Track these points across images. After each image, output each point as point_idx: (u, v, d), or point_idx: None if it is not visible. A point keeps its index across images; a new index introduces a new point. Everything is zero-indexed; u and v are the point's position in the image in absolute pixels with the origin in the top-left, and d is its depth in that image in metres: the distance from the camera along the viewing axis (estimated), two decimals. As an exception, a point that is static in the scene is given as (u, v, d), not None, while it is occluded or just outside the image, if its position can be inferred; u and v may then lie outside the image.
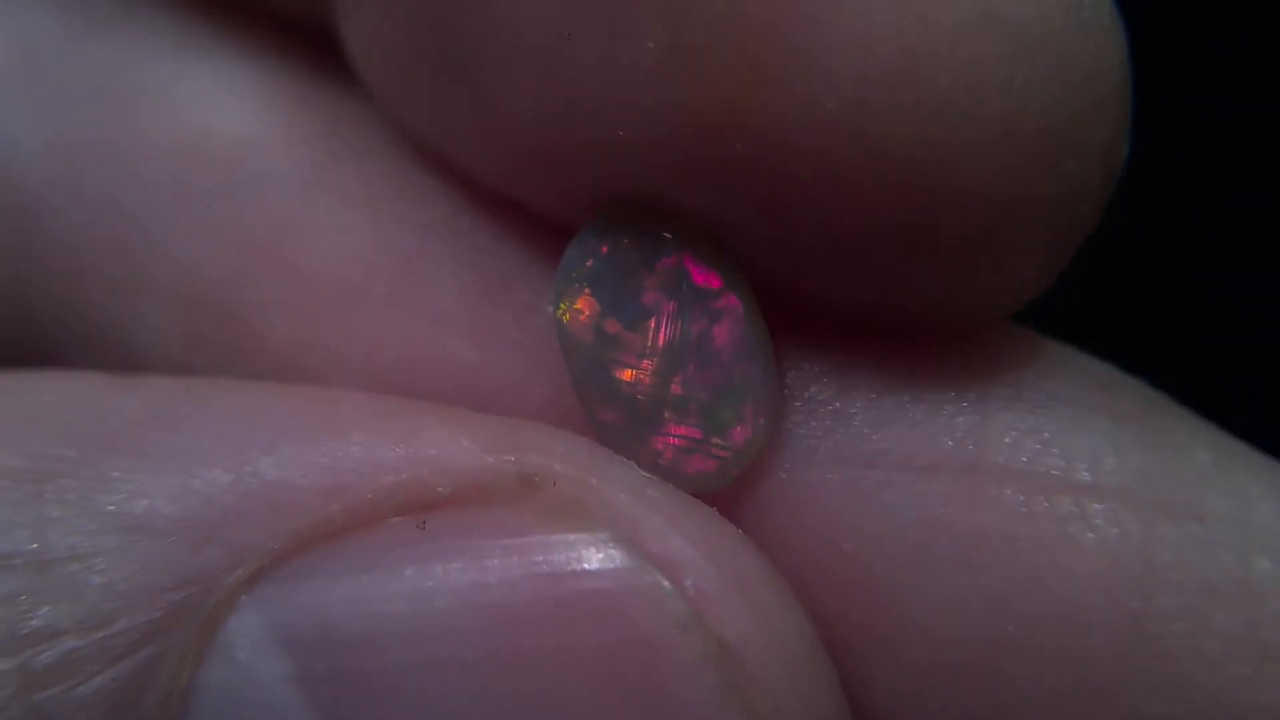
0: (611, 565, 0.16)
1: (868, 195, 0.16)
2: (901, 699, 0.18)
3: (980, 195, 0.16)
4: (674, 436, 0.19)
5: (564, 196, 0.20)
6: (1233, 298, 0.45)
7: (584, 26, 0.17)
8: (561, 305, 0.19)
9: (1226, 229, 0.45)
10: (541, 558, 0.16)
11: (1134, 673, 0.17)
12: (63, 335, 0.23)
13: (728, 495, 0.19)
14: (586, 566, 0.16)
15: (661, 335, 0.19)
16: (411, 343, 0.21)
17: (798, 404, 0.19)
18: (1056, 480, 0.18)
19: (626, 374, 0.19)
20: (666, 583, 0.16)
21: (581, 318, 0.19)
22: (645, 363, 0.19)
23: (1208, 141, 0.45)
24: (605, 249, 0.19)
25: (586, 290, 0.19)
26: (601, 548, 0.16)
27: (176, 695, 0.16)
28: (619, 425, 0.19)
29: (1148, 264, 0.45)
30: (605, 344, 0.19)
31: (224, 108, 0.23)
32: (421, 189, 0.22)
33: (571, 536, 0.16)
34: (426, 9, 0.19)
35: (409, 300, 0.21)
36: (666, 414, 0.19)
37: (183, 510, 0.16)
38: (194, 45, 0.24)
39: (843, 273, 0.18)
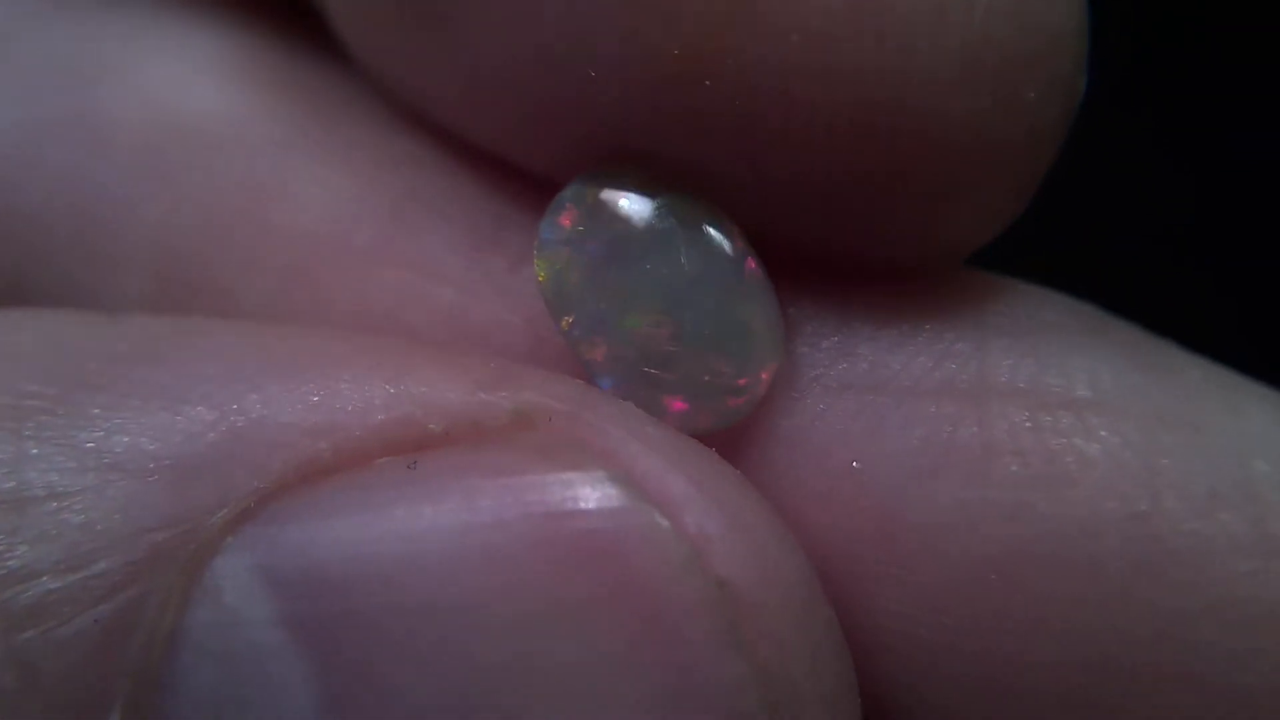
0: (609, 504, 0.15)
1: (834, 129, 0.17)
2: (913, 621, 0.18)
3: (943, 125, 0.17)
4: (690, 378, 0.18)
5: (544, 148, 0.20)
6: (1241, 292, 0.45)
7: None
8: (543, 266, 0.19)
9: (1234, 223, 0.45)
10: (536, 497, 0.15)
11: (1145, 573, 0.17)
12: (28, 303, 0.23)
13: (736, 429, 0.19)
14: (583, 506, 0.15)
15: (662, 273, 0.18)
16: (398, 293, 0.20)
17: (800, 339, 0.19)
18: (1058, 397, 0.18)
19: (631, 319, 0.18)
20: (665, 522, 0.15)
21: (572, 278, 0.19)
22: (647, 304, 0.18)
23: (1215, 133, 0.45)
24: (585, 203, 0.19)
25: (568, 249, 0.19)
26: (598, 486, 0.16)
27: (161, 638, 0.15)
28: (629, 380, 0.18)
29: (1156, 255, 0.45)
30: (604, 294, 0.19)
31: (197, 85, 0.23)
32: (405, 152, 0.22)
33: (567, 475, 0.16)
34: None
35: (395, 251, 0.21)
36: (676, 349, 0.18)
37: (166, 448, 0.16)
38: (167, 21, 0.24)
39: (815, 211, 0.18)
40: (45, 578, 0.15)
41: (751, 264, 0.19)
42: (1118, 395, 0.18)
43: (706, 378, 0.18)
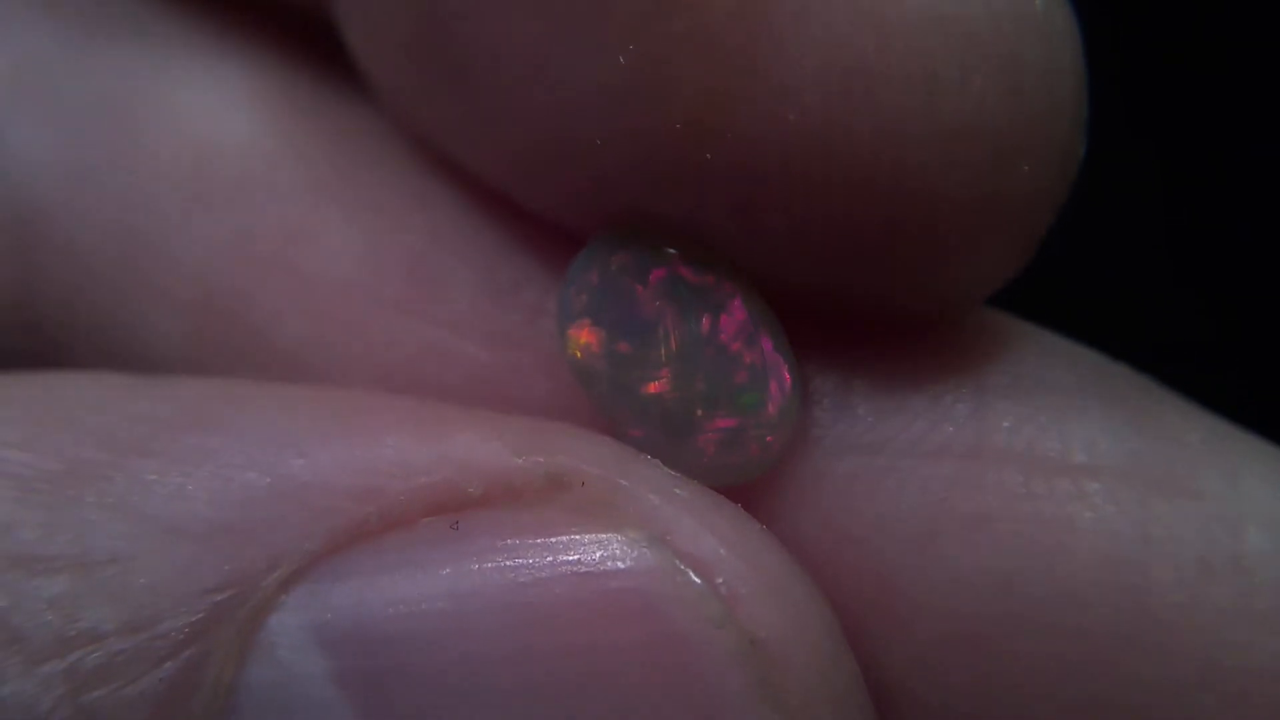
0: (644, 564, 0.16)
1: (831, 198, 0.17)
2: (915, 675, 0.18)
3: (938, 196, 0.17)
4: (711, 432, 0.19)
5: (558, 198, 0.20)
6: (1233, 302, 0.45)
7: (563, 40, 0.18)
8: (569, 343, 0.20)
9: (1225, 232, 0.46)
10: (575, 556, 0.16)
11: (1133, 643, 0.17)
12: (68, 340, 0.24)
13: (743, 488, 0.19)
14: (619, 565, 0.16)
15: (673, 340, 0.19)
16: (421, 344, 0.21)
17: (800, 396, 0.20)
18: (1054, 463, 0.18)
19: (651, 387, 0.19)
20: (699, 581, 0.16)
21: (593, 349, 0.19)
22: (664, 371, 0.19)
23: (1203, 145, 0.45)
24: (596, 278, 0.20)
25: (588, 322, 0.19)
26: (633, 547, 0.16)
27: (221, 694, 0.16)
28: (655, 438, 0.19)
29: (1146, 267, 0.46)
30: (621, 366, 0.19)
31: (228, 116, 0.24)
32: (428, 194, 0.22)
33: (603, 536, 0.17)
34: (422, 9, 0.20)
35: (418, 301, 0.21)
36: (699, 413, 0.19)
37: (221, 513, 0.17)
38: (196, 52, 0.25)
39: (813, 271, 0.19)
40: (113, 638, 0.16)
41: (758, 302, 0.19)
42: (1116, 461, 0.18)
43: (736, 422, 0.19)
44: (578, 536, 0.17)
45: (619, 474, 0.17)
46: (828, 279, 0.19)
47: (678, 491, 0.17)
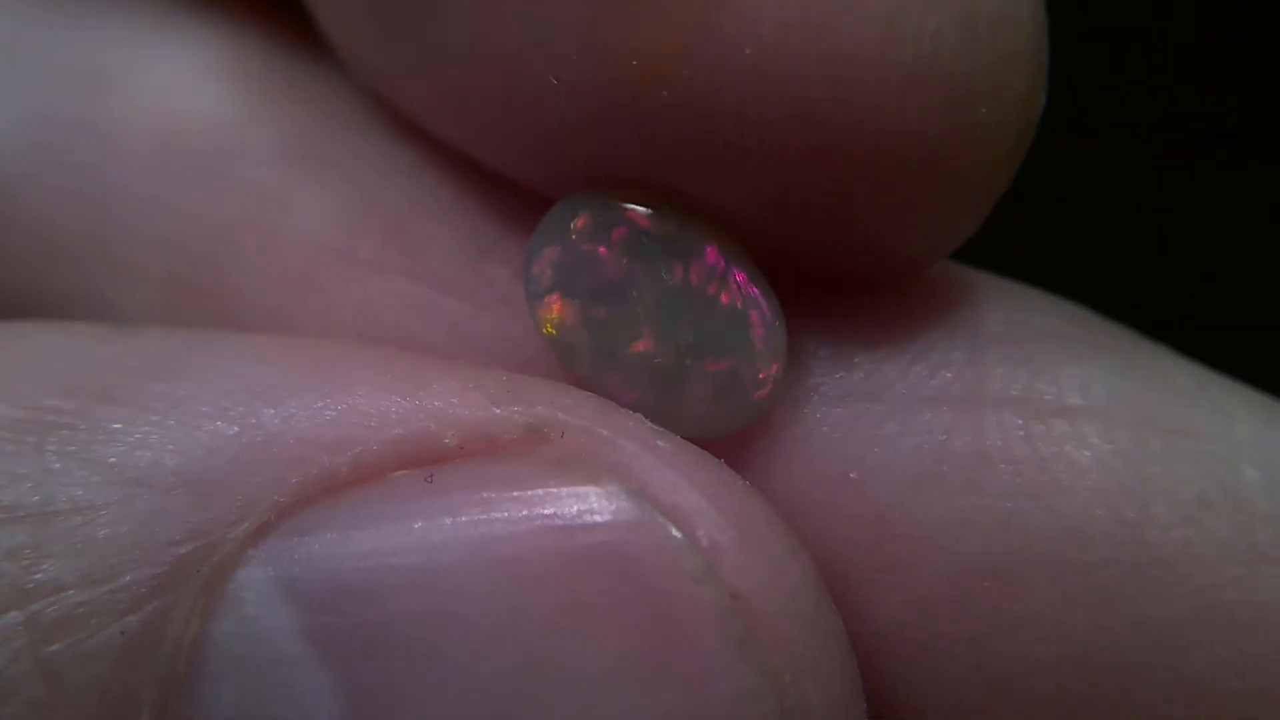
0: (622, 517, 0.16)
1: (787, 141, 0.17)
2: (914, 618, 0.18)
3: (894, 139, 0.17)
4: (704, 380, 0.19)
5: (516, 153, 0.20)
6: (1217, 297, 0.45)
7: None
8: (542, 322, 0.19)
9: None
10: (551, 510, 0.16)
11: (1135, 579, 0.18)
12: (35, 310, 0.23)
13: (737, 438, 0.19)
14: (597, 519, 0.16)
15: (647, 296, 0.19)
16: (401, 301, 0.21)
17: (797, 348, 0.19)
18: (1050, 405, 0.18)
19: (636, 346, 0.19)
20: (679, 534, 0.16)
21: (568, 321, 0.19)
22: (645, 329, 0.19)
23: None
24: (557, 250, 0.19)
25: (558, 295, 0.19)
26: (612, 499, 0.16)
27: (185, 649, 0.15)
28: (647, 399, 0.19)
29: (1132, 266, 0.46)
30: (601, 332, 0.19)
31: (197, 88, 0.23)
32: (404, 160, 0.22)
33: (581, 489, 0.16)
34: None
35: (398, 260, 0.21)
36: (688, 363, 0.19)
37: (187, 463, 0.16)
38: (164, 24, 0.24)
39: (778, 222, 0.18)
40: (72, 591, 0.15)
41: (727, 242, 0.19)
42: (1110, 403, 0.18)
43: (727, 365, 0.19)
44: (555, 489, 0.16)
45: (600, 425, 0.17)
46: (792, 229, 0.19)
47: (659, 443, 0.17)
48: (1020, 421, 0.18)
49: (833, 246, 0.19)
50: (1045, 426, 0.18)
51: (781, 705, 0.16)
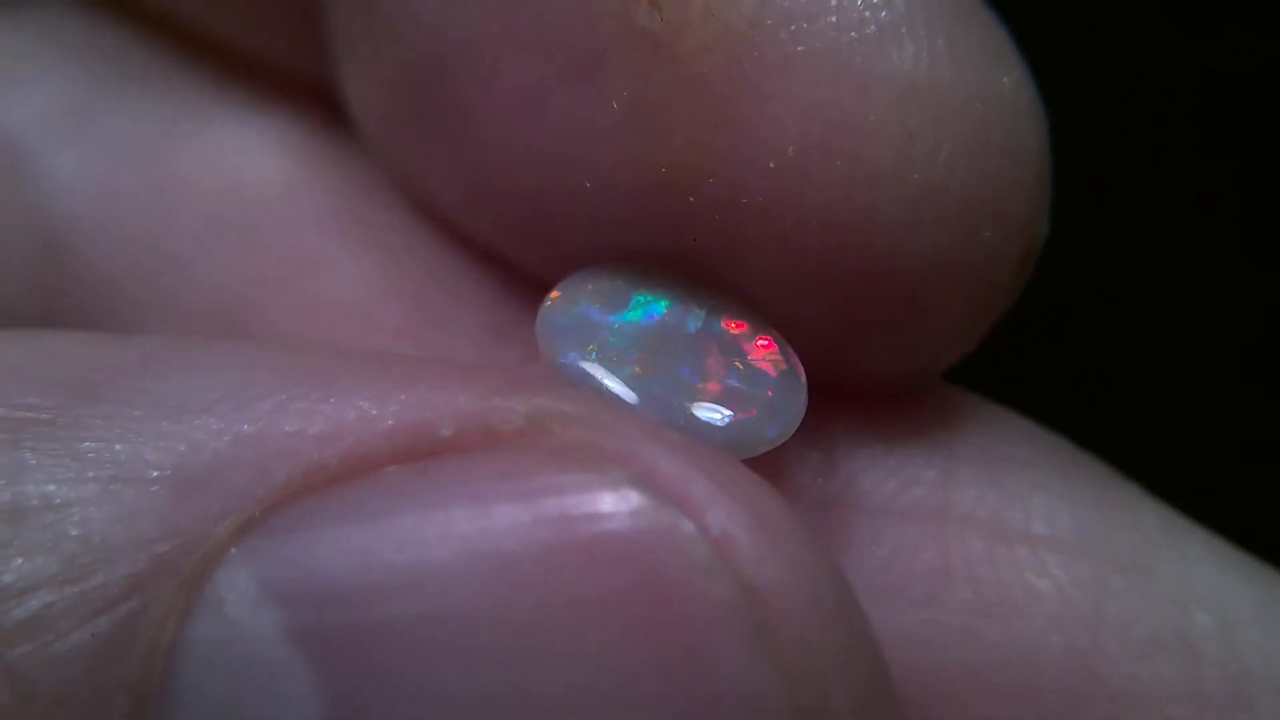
0: (627, 506, 0.15)
1: (804, 249, 0.18)
2: None
3: (905, 257, 0.18)
4: (710, 387, 0.19)
5: (545, 251, 0.21)
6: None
7: (558, 85, 0.19)
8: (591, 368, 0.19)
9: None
10: (551, 500, 0.15)
11: (1082, 708, 0.18)
12: None
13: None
14: (600, 508, 0.15)
15: (649, 343, 0.19)
16: None
17: (787, 451, 0.19)
18: (1016, 531, 0.19)
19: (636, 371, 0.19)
20: (687, 523, 0.15)
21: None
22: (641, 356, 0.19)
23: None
24: (561, 323, 0.19)
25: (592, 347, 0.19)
26: (616, 488, 0.15)
27: (160, 652, 0.14)
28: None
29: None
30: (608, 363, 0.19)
31: (250, 155, 0.25)
32: (429, 235, 0.23)
33: (583, 477, 0.15)
34: (414, 62, 0.20)
35: (418, 334, 0.22)
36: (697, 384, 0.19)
37: (168, 457, 0.15)
38: (220, 98, 0.26)
39: (788, 321, 0.19)
40: (41, 591, 0.14)
41: (752, 315, 0.19)
42: (1074, 535, 0.19)
43: (728, 392, 0.18)
44: (555, 478, 0.15)
45: (606, 415, 0.16)
46: (800, 337, 0.19)
47: (666, 434, 0.16)
48: (984, 544, 0.19)
49: (834, 351, 0.19)
50: (1009, 550, 0.19)
51: (798, 702, 0.14)
